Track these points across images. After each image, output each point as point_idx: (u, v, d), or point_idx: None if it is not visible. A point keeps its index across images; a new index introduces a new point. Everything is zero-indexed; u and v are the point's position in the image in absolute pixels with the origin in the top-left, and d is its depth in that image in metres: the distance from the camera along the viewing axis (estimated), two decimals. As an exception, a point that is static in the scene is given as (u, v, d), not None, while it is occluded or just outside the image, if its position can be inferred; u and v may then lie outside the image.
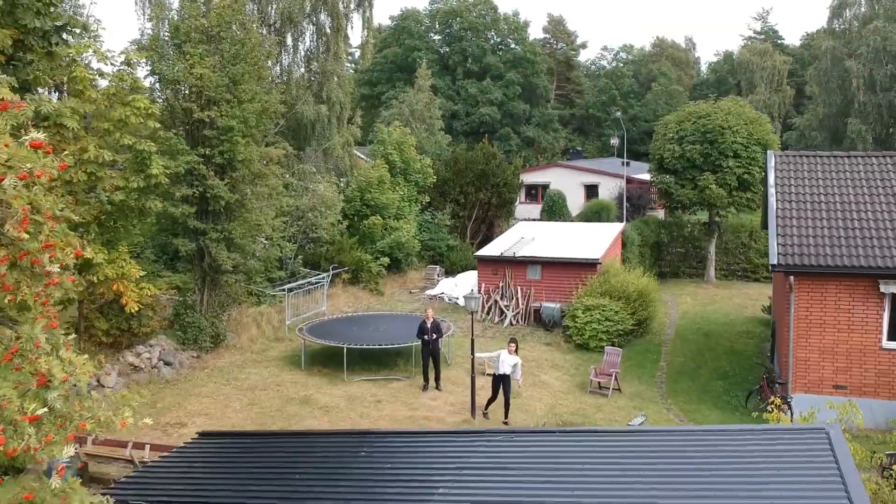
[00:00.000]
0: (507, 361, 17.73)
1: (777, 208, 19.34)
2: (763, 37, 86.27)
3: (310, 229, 29.95)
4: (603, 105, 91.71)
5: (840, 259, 17.75)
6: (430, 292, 32.24)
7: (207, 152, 21.46)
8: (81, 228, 18.33)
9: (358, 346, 21.13)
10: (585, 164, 61.41)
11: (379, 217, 32.26)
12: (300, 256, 29.85)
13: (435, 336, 20.14)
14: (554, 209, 55.77)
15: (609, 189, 56.26)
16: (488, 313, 27.87)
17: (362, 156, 41.41)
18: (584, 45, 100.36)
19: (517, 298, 27.60)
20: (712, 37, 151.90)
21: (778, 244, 18.32)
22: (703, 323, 28.00)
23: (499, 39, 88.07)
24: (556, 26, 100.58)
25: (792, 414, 17.98)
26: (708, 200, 32.58)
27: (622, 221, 54.11)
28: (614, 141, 79.30)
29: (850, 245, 18.09)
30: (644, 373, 22.55)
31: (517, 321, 27.40)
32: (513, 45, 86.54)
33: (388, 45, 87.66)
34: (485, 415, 18.33)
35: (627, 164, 67.37)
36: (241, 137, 21.57)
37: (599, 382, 20.79)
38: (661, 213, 57.00)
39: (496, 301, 27.82)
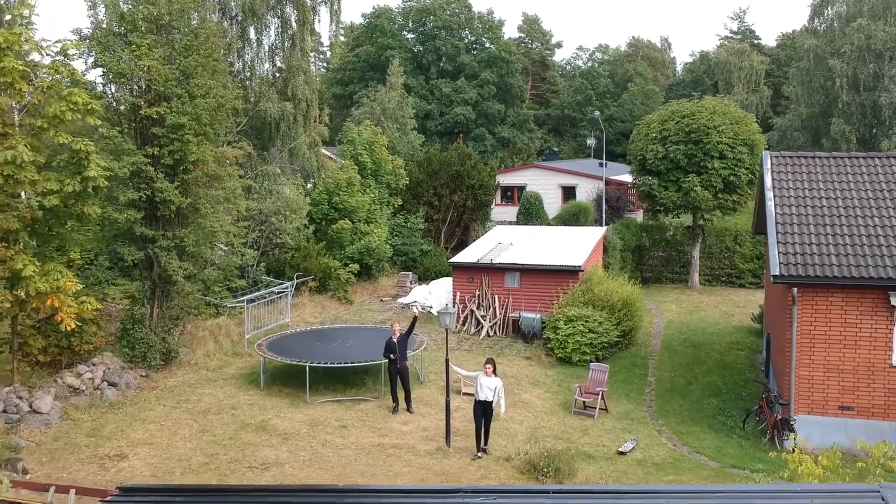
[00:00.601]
0: (486, 385, 15.99)
1: (776, 213, 17.88)
2: (740, 37, 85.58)
3: (273, 234, 28.11)
4: (578, 105, 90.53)
5: (847, 269, 16.30)
6: (402, 300, 30.52)
7: (156, 152, 19.58)
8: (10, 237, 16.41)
9: (322, 365, 19.34)
10: (562, 165, 60.04)
11: (348, 221, 30.48)
12: (263, 264, 28.00)
13: (402, 355, 18.39)
14: (531, 211, 54.30)
15: (587, 191, 54.92)
16: (464, 324, 26.21)
17: (333, 155, 39.68)
18: (559, 45, 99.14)
19: (494, 308, 25.97)
20: (687, 37, 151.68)
21: (779, 253, 16.83)
22: (690, 333, 26.55)
23: (473, 38, 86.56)
24: (531, 25, 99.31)
25: (795, 438, 16.51)
26: (693, 203, 31.19)
27: (601, 224, 52.84)
28: (591, 142, 78.03)
29: (857, 254, 16.66)
30: (632, 389, 20.99)
31: (495, 332, 25.76)
32: (487, 44, 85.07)
33: (360, 44, 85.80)
34: (481, 454, 16.20)
35: (605, 165, 66.28)
36: (193, 136, 19.70)
37: (584, 402, 19.19)
38: (639, 216, 55.84)
39: (472, 311, 26.16)
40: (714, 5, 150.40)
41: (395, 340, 18.35)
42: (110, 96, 20.44)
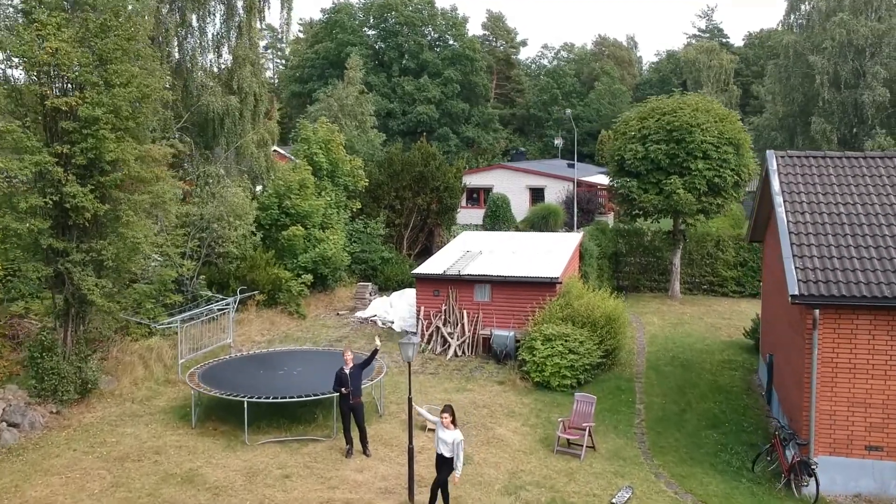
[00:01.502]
0: (443, 439, 12.94)
1: (789, 223, 15.51)
2: (708, 35, 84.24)
3: (216, 243, 25.18)
4: (544, 105, 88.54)
5: (876, 288, 13.98)
6: (360, 314, 27.76)
7: (66, 150, 16.63)
8: None
9: (263, 400, 16.52)
10: (530, 165, 57.73)
11: (300, 227, 27.63)
12: (203, 276, 25.06)
13: (356, 388, 15.65)
14: (498, 214, 51.83)
15: (556, 192, 52.67)
16: (429, 342, 23.55)
17: (289, 155, 36.69)
18: (524, 43, 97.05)
19: (463, 324, 23.36)
20: (652, 36, 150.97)
21: (797, 269, 14.45)
22: (676, 349, 24.21)
23: (436, 35, 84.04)
24: (496, 23, 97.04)
25: (818, 484, 14.15)
26: (675, 207, 28.90)
27: (572, 227, 50.60)
28: (558, 142, 76.37)
29: (885, 269, 14.35)
30: (620, 420, 18.51)
31: (463, 352, 23.14)
32: (451, 42, 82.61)
33: (319, 40, 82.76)
34: None
35: (572, 165, 64.11)
36: (111, 131, 16.79)
37: (569, 440, 16.65)
38: (610, 218, 53.72)
39: (438, 328, 23.52)
40: (679, 4, 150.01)
41: (347, 371, 15.60)
42: (7, 84, 17.37)
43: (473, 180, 50.96)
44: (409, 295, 27.43)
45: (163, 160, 19.14)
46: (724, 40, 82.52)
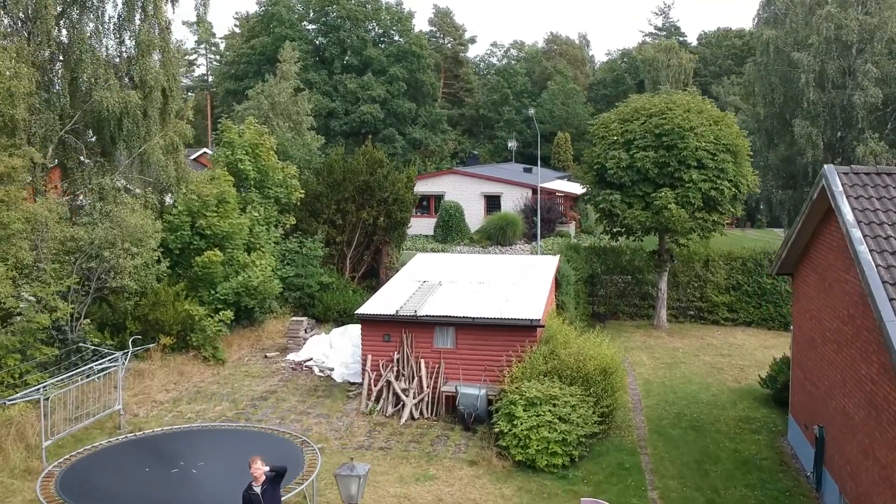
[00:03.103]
0: None
1: (879, 268, 11.19)
2: (665, 33, 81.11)
3: (108, 275, 19.98)
4: (494, 105, 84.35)
5: None
6: (294, 357, 22.84)
7: None
8: None
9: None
10: (485, 170, 53.34)
11: (218, 252, 22.56)
12: (88, 320, 19.83)
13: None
14: (450, 224, 47.29)
15: (513, 200, 48.32)
16: (378, 401, 18.78)
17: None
18: (472, 41, 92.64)
19: (420, 378, 18.66)
20: (603, 34, 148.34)
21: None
22: (679, 402, 19.92)
23: (381, 31, 79.11)
24: (443, 19, 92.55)
25: None
26: (665, 224, 24.69)
27: (532, 238, 46.31)
28: (512, 144, 71.98)
29: None
30: (632, 519, 14.07)
31: (421, 413, 18.43)
32: (396, 38, 77.79)
33: (255, 35, 77.04)
34: None
35: (528, 169, 59.89)
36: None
37: (576, 566, 12.11)
38: (572, 228, 49.63)
39: (389, 383, 18.76)
40: (631, 2, 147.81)
41: (258, 491, 10.70)
42: None
43: (423, 187, 46.23)
44: (353, 333, 22.62)
45: (7, 171, 13.93)
46: (681, 39, 79.40)
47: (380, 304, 19.65)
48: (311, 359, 22.43)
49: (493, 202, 49.05)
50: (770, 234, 49.32)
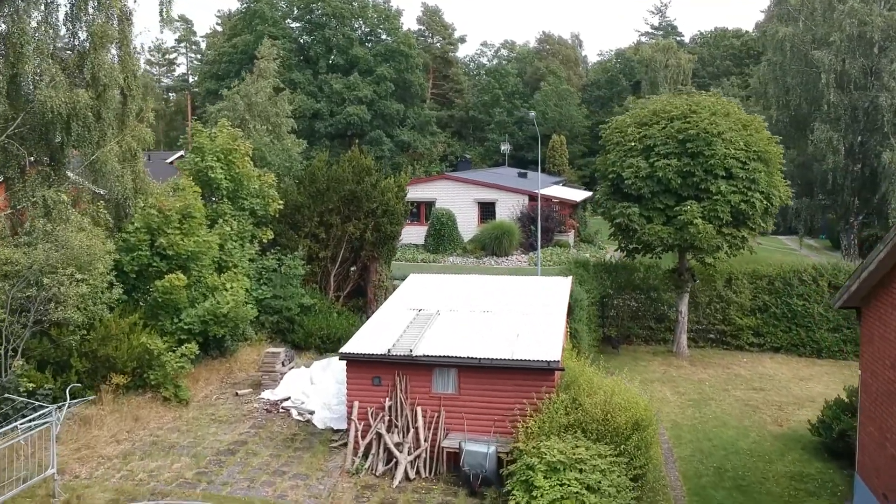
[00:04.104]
0: None
1: None
2: (662, 33, 78.58)
3: (48, 305, 16.98)
4: (485, 106, 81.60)
5: None
6: (269, 395, 19.91)
7: None
8: None
9: None
10: (478, 176, 50.53)
11: (180, 275, 19.57)
12: (22, 360, 16.82)
13: None
14: (442, 233, 44.47)
15: (509, 207, 45.62)
16: (366, 457, 15.86)
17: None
18: (462, 40, 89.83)
19: (417, 430, 15.78)
20: (595, 34, 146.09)
21: None
22: (717, 454, 17.14)
23: (368, 29, 76.15)
24: (432, 17, 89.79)
25: None
26: (691, 241, 21.91)
27: (529, 249, 43.54)
28: (505, 147, 69.35)
29: None
30: None
31: (418, 473, 15.54)
32: (384, 36, 74.87)
33: (237, 33, 73.90)
34: None
35: (523, 174, 57.12)
36: None
37: None
38: (571, 237, 46.89)
39: (380, 435, 15.85)
40: (624, 2, 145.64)
41: None
42: None
43: (414, 193, 43.33)
44: (337, 367, 19.71)
45: None
46: (678, 38, 76.88)
47: (368, 340, 16.72)
48: (289, 398, 19.51)
49: (487, 209, 46.30)
50: (774, 241, 46.71)
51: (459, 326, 17.27)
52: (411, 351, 15.79)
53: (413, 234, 44.16)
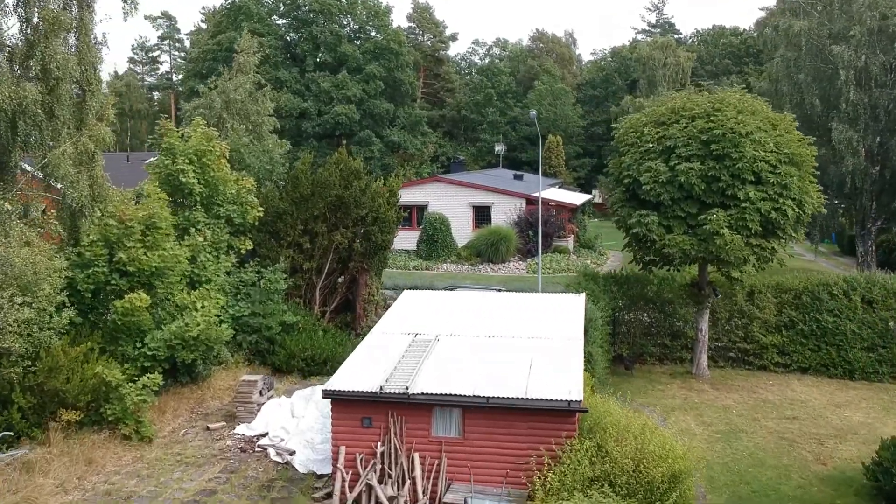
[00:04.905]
0: None
1: None
2: (659, 30, 76.53)
3: (-17, 333, 14.59)
4: (477, 106, 79.32)
5: None
6: (244, 429, 17.58)
7: None
8: None
9: None
10: (472, 178, 48.23)
11: (141, 294, 17.20)
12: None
13: None
14: (435, 238, 42.23)
15: (505, 211, 43.38)
16: (355, 512, 13.57)
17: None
18: (453, 38, 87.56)
19: (414, 481, 13.48)
20: (588, 32, 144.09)
21: None
22: (758, 502, 14.91)
23: (356, 26, 73.81)
24: (422, 15, 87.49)
25: None
26: (717, 253, 19.69)
27: (527, 255, 41.32)
28: (499, 148, 67.19)
29: None
30: None
31: (415, 531, 13.26)
32: (373, 33, 72.51)
33: (222, 30, 71.37)
34: None
35: (519, 176, 54.91)
36: None
37: None
38: (570, 243, 44.70)
39: (371, 487, 13.54)
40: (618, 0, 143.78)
41: None
42: None
43: (405, 196, 40.89)
44: (322, 398, 17.35)
45: None
46: (676, 36, 74.80)
47: (356, 373, 14.41)
48: (267, 434, 17.18)
49: (482, 213, 44.07)
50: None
51: (462, 356, 14.98)
52: (407, 388, 13.48)
53: (404, 239, 41.84)
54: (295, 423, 17.30)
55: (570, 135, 73.85)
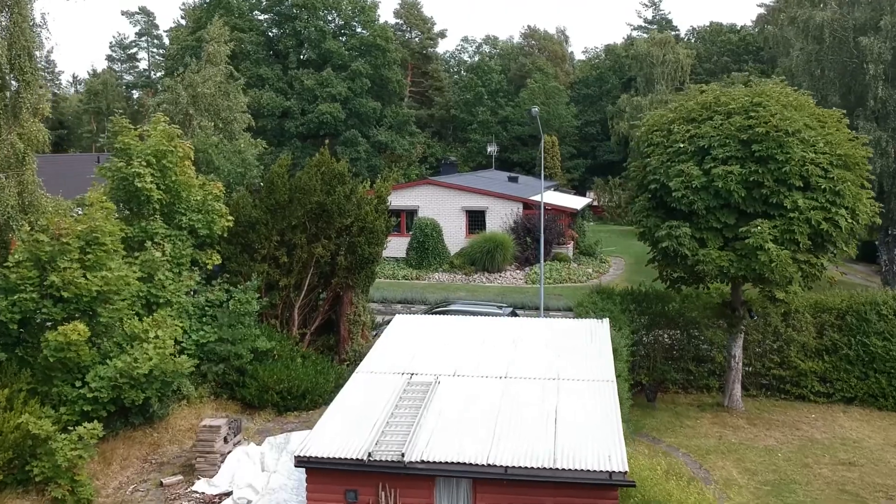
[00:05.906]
0: None
1: None
2: (656, 26, 73.91)
3: None
4: (467, 105, 76.42)
5: None
6: (205, 487, 14.64)
7: None
8: None
9: None
10: (465, 181, 45.32)
11: (79, 325, 14.22)
12: None
13: None
14: (426, 246, 39.27)
15: (501, 216, 40.49)
16: None
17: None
18: (442, 35, 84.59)
19: (411, 572, 10.60)
20: (580, 29, 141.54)
21: None
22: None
23: (342, 22, 70.79)
24: (410, 10, 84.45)
25: None
26: (761, 271, 16.90)
27: (525, 263, 38.53)
28: (492, 148, 64.41)
29: None
30: None
31: None
32: (359, 29, 69.55)
33: (201, 25, 68.19)
34: None
35: (514, 178, 52.13)
36: None
37: None
38: (570, 249, 41.93)
39: (356, 580, 10.66)
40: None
41: None
42: None
43: (394, 200, 37.98)
44: (299, 445, 14.43)
45: None
46: (674, 33, 72.16)
47: (338, 432, 11.48)
48: (231, 493, 14.25)
49: (476, 218, 41.17)
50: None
51: (469, 405, 12.11)
52: (403, 454, 10.60)
53: (393, 246, 38.66)
54: (265, 479, 14.39)
55: (563, 135, 71.16)
